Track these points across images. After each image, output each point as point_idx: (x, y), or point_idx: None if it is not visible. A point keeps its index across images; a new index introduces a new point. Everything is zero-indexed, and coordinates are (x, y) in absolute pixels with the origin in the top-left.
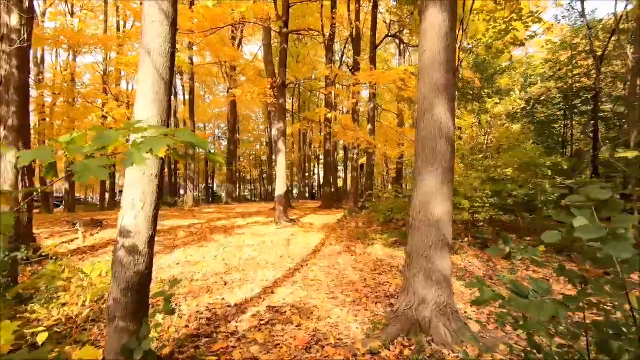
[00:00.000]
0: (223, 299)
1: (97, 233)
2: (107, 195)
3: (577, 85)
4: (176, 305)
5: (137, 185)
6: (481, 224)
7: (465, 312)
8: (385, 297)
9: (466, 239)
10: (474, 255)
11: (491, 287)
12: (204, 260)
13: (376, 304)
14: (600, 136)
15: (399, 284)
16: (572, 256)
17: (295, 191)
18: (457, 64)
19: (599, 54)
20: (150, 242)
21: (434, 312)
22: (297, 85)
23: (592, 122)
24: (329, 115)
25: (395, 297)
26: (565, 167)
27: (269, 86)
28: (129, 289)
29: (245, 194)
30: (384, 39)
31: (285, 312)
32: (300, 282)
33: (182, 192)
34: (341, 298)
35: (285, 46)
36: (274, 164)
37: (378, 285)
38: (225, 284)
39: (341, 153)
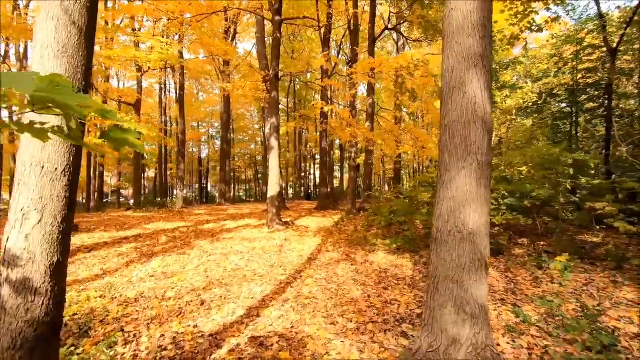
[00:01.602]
0: (196, 325)
1: None
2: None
3: (584, 81)
4: (135, 336)
5: (30, 187)
6: (497, 228)
7: (498, 345)
8: (395, 321)
9: None
10: (489, 264)
11: (520, 308)
12: (183, 271)
13: (385, 332)
14: (616, 134)
15: (409, 303)
16: (597, 264)
17: (290, 191)
18: None
19: (612, 46)
20: (56, 273)
21: (470, 357)
22: (292, 81)
23: (600, 119)
24: (326, 109)
25: (407, 321)
26: (592, 166)
27: (262, 79)
28: (17, 347)
29: (240, 194)
30: (382, 32)
31: (272, 345)
32: (293, 300)
33: (175, 192)
34: (341, 323)
35: (279, 35)
36: (268, 163)
37: (385, 304)
38: (202, 303)
39: (337, 153)
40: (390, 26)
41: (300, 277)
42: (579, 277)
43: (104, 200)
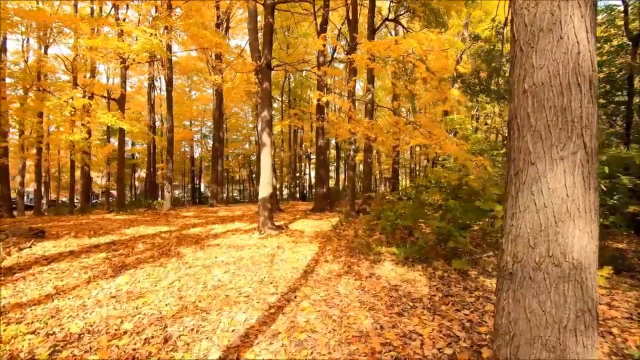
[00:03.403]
0: None
1: (29, 247)
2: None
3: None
4: None
5: None
6: None
7: None
8: None
9: (492, 253)
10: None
11: None
12: (153, 290)
13: None
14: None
15: (434, 338)
16: (638, 277)
17: (285, 192)
18: (459, 55)
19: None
20: None
21: None
22: (287, 77)
23: (608, 116)
24: (324, 99)
25: None
26: (638, 163)
27: (253, 70)
28: None
29: (234, 194)
30: (382, 23)
31: None
32: (285, 333)
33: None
34: None
35: (271, 20)
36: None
37: (403, 339)
38: (166, 340)
39: (332, 152)
40: (390, 17)
41: (295, 297)
42: (627, 296)
43: (94, 202)
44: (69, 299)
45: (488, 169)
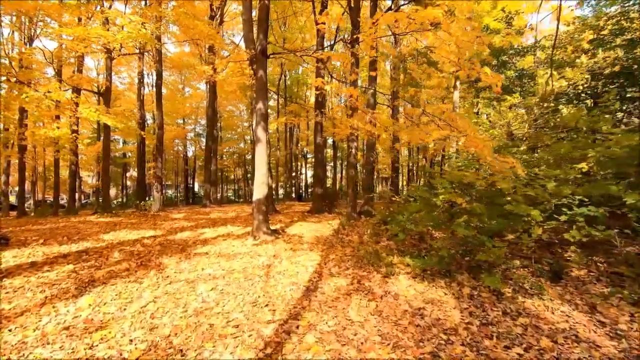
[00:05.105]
0: None
1: None
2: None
3: (610, 70)
4: None
5: None
6: (572, 247)
7: None
8: None
9: (519, 264)
10: (558, 297)
11: None
12: (120, 316)
13: None
14: None
15: None
16: None
17: (281, 192)
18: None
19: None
20: None
21: None
22: (283, 74)
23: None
24: (327, 87)
25: None
26: None
27: (247, 59)
28: None
29: (229, 194)
30: (385, 12)
31: None
32: None
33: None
34: None
35: (267, 2)
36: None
37: None
38: None
39: (329, 151)
40: (393, 7)
41: (297, 328)
42: None
43: (84, 202)
44: (9, 330)
45: (518, 171)
